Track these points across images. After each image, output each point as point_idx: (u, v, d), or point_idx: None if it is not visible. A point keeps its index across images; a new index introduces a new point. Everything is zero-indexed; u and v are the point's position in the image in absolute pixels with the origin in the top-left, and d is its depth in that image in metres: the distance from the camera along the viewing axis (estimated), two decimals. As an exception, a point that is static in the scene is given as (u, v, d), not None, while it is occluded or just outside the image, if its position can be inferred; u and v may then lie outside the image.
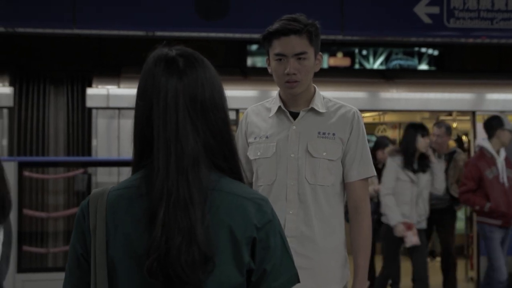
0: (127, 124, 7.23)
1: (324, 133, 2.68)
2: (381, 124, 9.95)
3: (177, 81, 1.43)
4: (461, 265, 7.09)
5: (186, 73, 1.45)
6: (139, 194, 1.42)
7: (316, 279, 2.63)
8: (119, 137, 7.19)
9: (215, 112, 1.45)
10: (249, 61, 10.86)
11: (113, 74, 7.60)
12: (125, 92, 7.34)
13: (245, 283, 1.39)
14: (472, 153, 7.55)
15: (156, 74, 1.45)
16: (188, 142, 1.39)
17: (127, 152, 7.16)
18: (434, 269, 7.33)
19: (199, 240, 1.32)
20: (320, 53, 2.71)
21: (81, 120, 7.37)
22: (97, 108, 7.18)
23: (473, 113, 7.93)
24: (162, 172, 1.37)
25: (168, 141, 1.39)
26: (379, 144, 7.10)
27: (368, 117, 9.67)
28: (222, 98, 1.49)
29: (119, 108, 7.22)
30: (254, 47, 10.99)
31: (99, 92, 7.24)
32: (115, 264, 1.39)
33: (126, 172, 6.98)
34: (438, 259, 7.83)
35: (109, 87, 7.31)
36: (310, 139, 2.67)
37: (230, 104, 1.53)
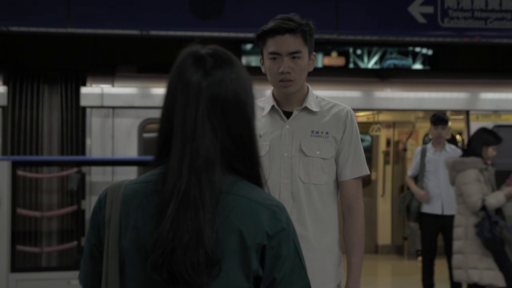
0: (122, 123, 7.22)
1: (317, 132, 2.68)
2: (376, 123, 9.97)
3: (201, 78, 1.42)
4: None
5: (211, 72, 1.43)
6: (155, 190, 1.41)
7: (310, 277, 2.62)
8: (113, 136, 7.18)
9: (236, 116, 1.43)
10: (244, 60, 10.86)
11: (108, 73, 7.59)
12: (119, 91, 7.33)
13: None
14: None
15: (183, 70, 1.46)
16: (205, 142, 1.37)
17: (121, 151, 7.15)
18: (418, 268, 7.35)
19: (206, 243, 1.31)
20: (314, 53, 2.71)
21: (75, 119, 7.36)
22: (91, 107, 7.17)
23: (467, 113, 7.95)
24: (175, 170, 1.37)
25: (185, 139, 1.38)
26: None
27: (362, 116, 9.68)
28: (247, 102, 1.46)
29: (113, 107, 7.20)
30: (248, 46, 11.00)
31: (93, 91, 7.23)
32: (125, 257, 1.41)
33: (120, 172, 7.00)
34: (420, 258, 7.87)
35: (103, 86, 7.30)
36: (303, 138, 2.68)
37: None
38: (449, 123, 7.07)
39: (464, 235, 5.67)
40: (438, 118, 6.87)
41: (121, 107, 7.21)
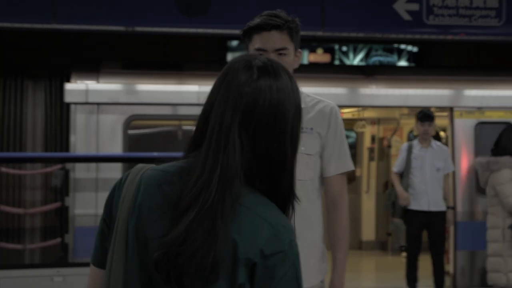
0: (107, 119, 7.18)
1: (302, 128, 2.68)
2: (361, 120, 10.00)
3: (241, 89, 1.39)
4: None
5: (254, 85, 1.40)
6: (170, 181, 1.41)
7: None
8: (98, 133, 7.14)
9: (268, 139, 1.39)
10: (230, 57, 10.85)
11: (93, 69, 7.55)
12: (104, 87, 7.29)
13: None
14: (451, 149, 7.62)
15: (229, 73, 1.43)
16: (235, 156, 1.36)
17: (106, 148, 7.11)
18: (402, 263, 7.40)
19: (216, 251, 1.31)
20: (300, 49, 2.71)
21: (59, 116, 7.31)
22: (75, 104, 7.12)
23: (451, 109, 8.00)
24: (205, 178, 1.35)
25: (218, 150, 1.36)
26: None
27: (347, 112, 9.71)
28: (285, 124, 1.41)
29: (98, 104, 7.16)
30: (234, 43, 10.98)
31: (77, 87, 7.18)
32: (128, 238, 1.41)
33: (105, 168, 6.97)
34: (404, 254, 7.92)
35: (88, 82, 7.25)
36: (288, 134, 2.67)
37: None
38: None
39: (502, 237, 5.51)
40: (425, 115, 6.90)
41: (106, 103, 7.17)
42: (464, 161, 7.81)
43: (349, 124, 9.97)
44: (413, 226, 6.84)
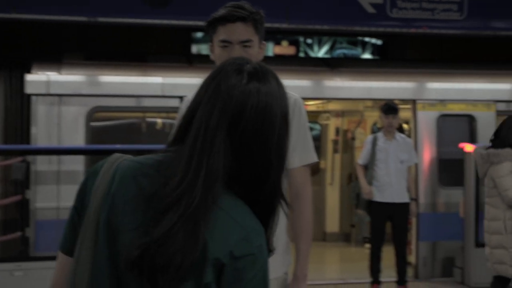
0: (69, 111, 7.07)
1: None
2: (325, 112, 10.04)
3: (230, 92, 1.38)
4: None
5: (242, 89, 1.39)
6: (146, 173, 1.40)
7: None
8: (60, 125, 7.03)
9: (254, 145, 1.38)
10: (194, 49, 10.78)
11: (54, 60, 7.42)
12: (66, 78, 7.17)
13: None
14: (414, 141, 7.70)
15: (219, 74, 1.42)
16: (220, 160, 1.35)
17: (68, 140, 7.01)
18: (365, 254, 7.47)
19: (196, 252, 1.30)
20: (264, 42, 2.70)
21: (20, 107, 7.17)
22: (36, 95, 7.00)
23: (414, 102, 8.08)
24: (189, 181, 1.34)
25: (203, 152, 1.35)
26: None
27: (312, 105, 9.74)
28: (271, 132, 1.40)
29: (60, 95, 7.05)
30: (199, 34, 10.92)
31: (39, 78, 7.06)
32: (99, 227, 1.40)
33: (67, 161, 6.86)
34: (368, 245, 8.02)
35: (49, 73, 7.13)
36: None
37: (175, 92, 1.49)
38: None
39: (504, 229, 5.52)
40: (389, 107, 6.96)
41: (68, 95, 7.07)
42: (427, 153, 7.91)
43: (314, 116, 10.01)
44: (377, 217, 6.91)
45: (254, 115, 1.38)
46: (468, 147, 7.51)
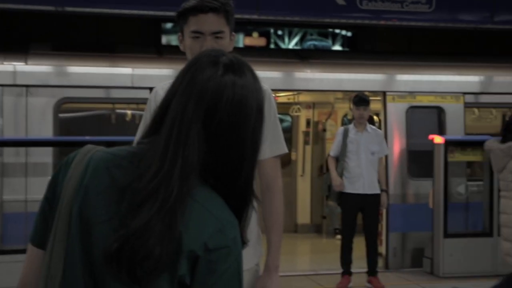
0: (36, 102, 6.96)
1: None
2: (296, 104, 10.05)
3: (205, 84, 1.37)
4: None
5: (218, 81, 1.38)
6: (119, 165, 1.39)
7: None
8: (27, 116, 6.92)
9: (228, 137, 1.38)
10: (164, 40, 10.69)
11: (21, 50, 7.29)
12: (33, 69, 7.06)
13: None
14: (384, 133, 7.74)
15: (194, 65, 1.41)
16: (195, 151, 1.34)
17: (35, 131, 6.90)
18: (336, 246, 7.52)
19: (173, 244, 1.29)
20: (234, 33, 2.68)
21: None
22: (2, 86, 6.87)
23: (384, 94, 8.13)
24: (165, 172, 1.32)
25: (179, 144, 1.34)
26: None
27: (283, 96, 9.74)
28: (246, 124, 1.39)
29: (27, 86, 6.94)
30: (169, 25, 10.83)
31: (5, 68, 6.93)
32: (71, 219, 1.38)
33: (34, 153, 6.76)
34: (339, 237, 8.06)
35: (16, 63, 7.00)
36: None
37: (145, 83, 1.47)
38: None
39: None
40: (360, 99, 6.99)
41: (35, 85, 6.96)
42: (396, 145, 7.97)
43: (285, 108, 10.02)
44: (348, 209, 6.94)
45: (229, 108, 1.37)
46: (437, 139, 7.59)
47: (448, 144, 7.56)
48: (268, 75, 7.58)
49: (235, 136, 1.38)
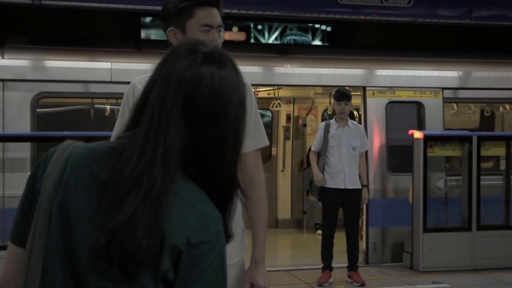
0: (13, 97, 6.87)
1: None
2: (276, 98, 10.04)
3: (186, 71, 1.37)
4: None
5: (196, 69, 1.37)
6: (99, 160, 1.37)
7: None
8: (4, 111, 6.82)
9: (208, 124, 1.36)
10: (143, 34, 10.61)
11: (-3, 44, 7.19)
12: (10, 63, 6.96)
13: None
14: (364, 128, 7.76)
15: (172, 56, 1.40)
16: (175, 138, 1.33)
17: (13, 126, 6.81)
18: (317, 241, 7.53)
19: (159, 234, 1.28)
20: None
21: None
22: (-21, 80, 6.77)
23: (363, 89, 8.15)
24: (147, 161, 1.31)
25: (159, 132, 1.33)
26: None
27: (263, 91, 9.72)
28: (226, 113, 1.38)
29: (3, 80, 6.84)
30: (148, 19, 10.75)
31: (-19, 63, 6.83)
32: (52, 215, 1.36)
33: (12, 148, 6.67)
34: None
35: (-8, 57, 6.91)
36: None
37: (124, 77, 1.44)
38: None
39: None
40: (342, 94, 6.99)
41: (12, 80, 6.86)
42: (376, 140, 7.99)
43: (265, 103, 10.00)
44: (330, 204, 6.95)
45: (207, 97, 1.36)
46: (417, 134, 7.63)
47: (427, 139, 7.60)
48: (248, 70, 7.54)
49: (214, 126, 1.37)
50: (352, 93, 7.23)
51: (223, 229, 1.38)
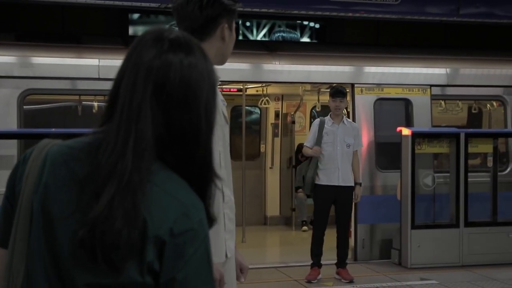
0: (0, 94, 6.81)
1: None
2: (264, 96, 10.03)
3: (153, 59, 1.37)
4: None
5: (164, 57, 1.37)
6: (77, 157, 1.37)
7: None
8: (-10, 108, 6.77)
9: (181, 110, 1.36)
10: (131, 30, 10.56)
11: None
12: (-4, 60, 6.90)
13: (144, 284, 1.31)
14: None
15: (138, 46, 1.41)
16: (148, 126, 1.33)
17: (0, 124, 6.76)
18: (305, 237, 7.53)
19: (138, 227, 1.28)
20: None
21: None
22: (-36, 77, 6.71)
23: (352, 86, 8.15)
24: (119, 149, 1.32)
25: (130, 120, 1.33)
26: None
27: (251, 88, 9.70)
28: (198, 99, 1.38)
29: (-12, 77, 6.78)
30: (135, 16, 10.71)
31: (-34, 59, 6.77)
32: (33, 215, 1.36)
33: (-2, 146, 6.60)
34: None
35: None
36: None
37: (112, 74, 1.43)
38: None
39: None
40: (337, 91, 6.99)
41: (-1, 76, 6.80)
42: (365, 137, 8.00)
43: (253, 100, 9.98)
44: (322, 201, 6.94)
45: (177, 86, 1.37)
46: (405, 131, 7.65)
47: (415, 136, 7.62)
48: (236, 67, 7.52)
49: (187, 112, 1.37)
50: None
51: (205, 217, 1.37)
